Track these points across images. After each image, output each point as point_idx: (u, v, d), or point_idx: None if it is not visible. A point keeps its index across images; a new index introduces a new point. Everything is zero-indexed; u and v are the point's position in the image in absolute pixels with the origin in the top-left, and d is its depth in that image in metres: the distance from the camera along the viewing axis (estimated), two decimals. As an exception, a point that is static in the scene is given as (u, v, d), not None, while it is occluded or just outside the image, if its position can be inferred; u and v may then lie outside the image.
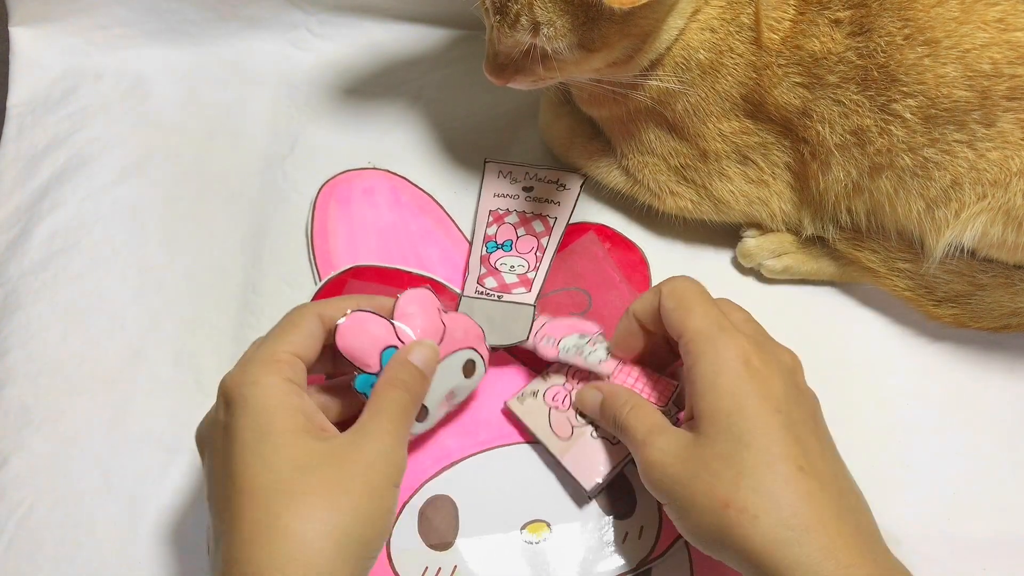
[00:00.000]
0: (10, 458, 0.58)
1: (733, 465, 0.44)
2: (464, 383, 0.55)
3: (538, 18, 0.51)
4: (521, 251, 0.64)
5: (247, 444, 0.42)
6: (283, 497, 0.41)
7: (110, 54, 0.74)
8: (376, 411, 0.46)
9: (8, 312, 0.63)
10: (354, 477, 0.42)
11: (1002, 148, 0.53)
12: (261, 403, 0.43)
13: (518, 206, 0.66)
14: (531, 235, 0.65)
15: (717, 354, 0.46)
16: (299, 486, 0.41)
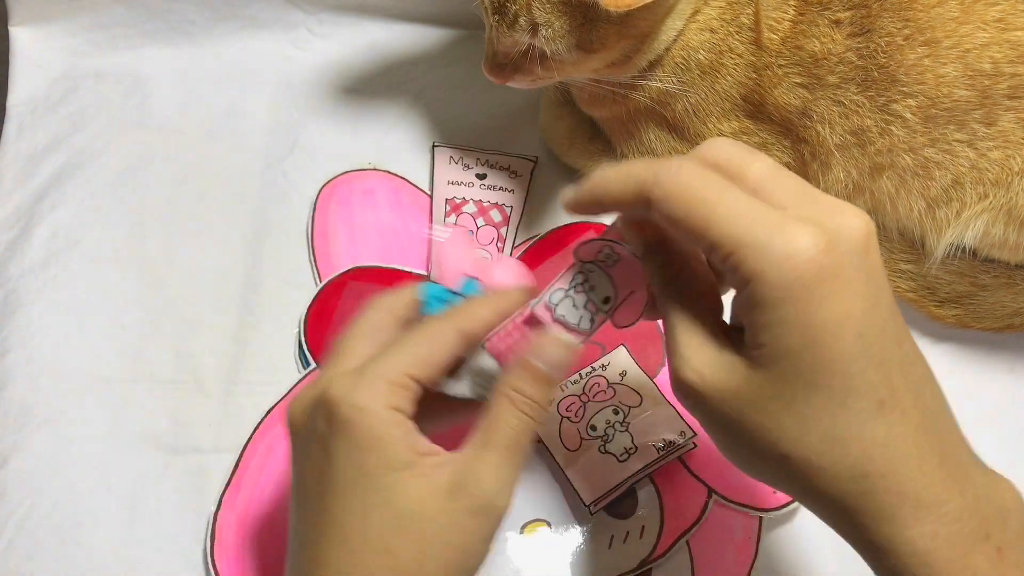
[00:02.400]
0: (10, 458, 0.58)
1: (798, 413, 0.35)
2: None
3: (536, 19, 0.51)
4: (482, 242, 0.64)
5: (345, 475, 0.39)
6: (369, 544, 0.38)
7: (110, 54, 0.74)
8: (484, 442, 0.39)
9: (8, 312, 0.63)
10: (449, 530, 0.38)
11: (1003, 147, 0.53)
12: (364, 433, 0.38)
13: (473, 195, 0.66)
14: (490, 225, 0.65)
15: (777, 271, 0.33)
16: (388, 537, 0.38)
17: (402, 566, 0.38)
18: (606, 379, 0.57)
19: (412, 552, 0.38)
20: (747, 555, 0.55)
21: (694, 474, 0.57)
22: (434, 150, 0.69)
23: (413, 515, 0.38)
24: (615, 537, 0.55)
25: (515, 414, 0.40)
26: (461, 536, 0.39)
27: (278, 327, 0.63)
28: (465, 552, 0.39)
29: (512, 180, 0.67)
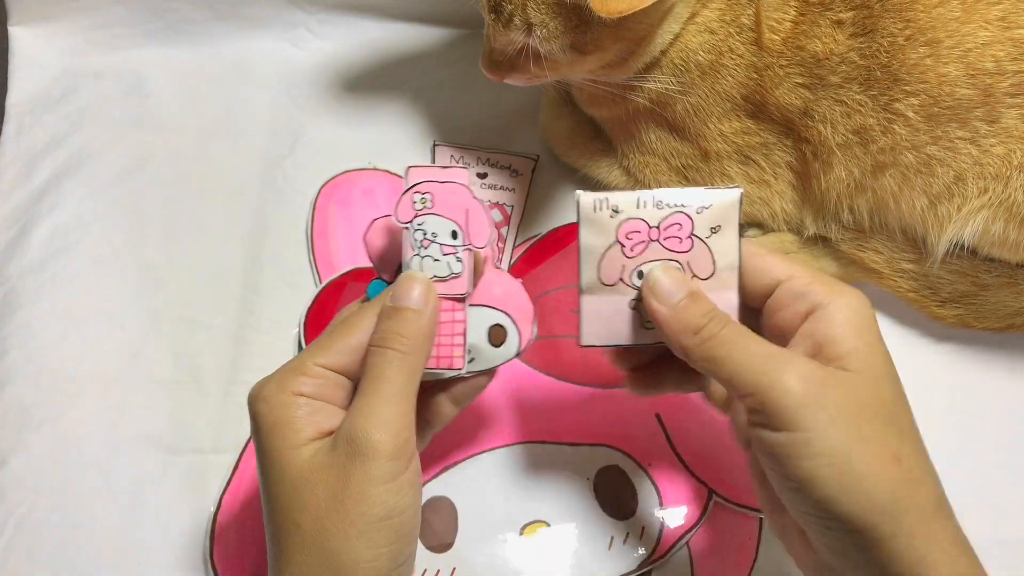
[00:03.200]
0: (9, 458, 0.58)
1: (895, 421, 0.40)
2: (487, 351, 0.47)
3: (531, 19, 0.51)
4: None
5: (261, 462, 0.42)
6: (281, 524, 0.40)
7: (110, 54, 0.74)
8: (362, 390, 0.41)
9: (7, 312, 0.63)
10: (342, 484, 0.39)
11: (1006, 143, 0.53)
12: (265, 424, 0.41)
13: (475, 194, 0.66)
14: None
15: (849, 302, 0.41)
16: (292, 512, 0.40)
17: (307, 538, 0.39)
18: (692, 223, 0.44)
19: (311, 518, 0.39)
20: (747, 556, 0.55)
21: (695, 475, 0.57)
22: (435, 149, 0.69)
23: (304, 482, 0.40)
24: (615, 538, 0.55)
25: (375, 352, 0.42)
26: (358, 487, 0.39)
27: (277, 327, 0.63)
28: (368, 506, 0.39)
29: (513, 179, 0.67)
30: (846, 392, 0.39)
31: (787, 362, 0.39)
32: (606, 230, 0.44)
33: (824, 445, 0.38)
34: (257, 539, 0.55)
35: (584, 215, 0.44)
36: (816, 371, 0.39)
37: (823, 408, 0.38)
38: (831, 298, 0.41)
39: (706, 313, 0.41)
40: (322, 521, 0.39)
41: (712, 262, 0.44)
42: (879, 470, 0.38)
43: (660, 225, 0.44)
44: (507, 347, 0.47)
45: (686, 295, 0.42)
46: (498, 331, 0.47)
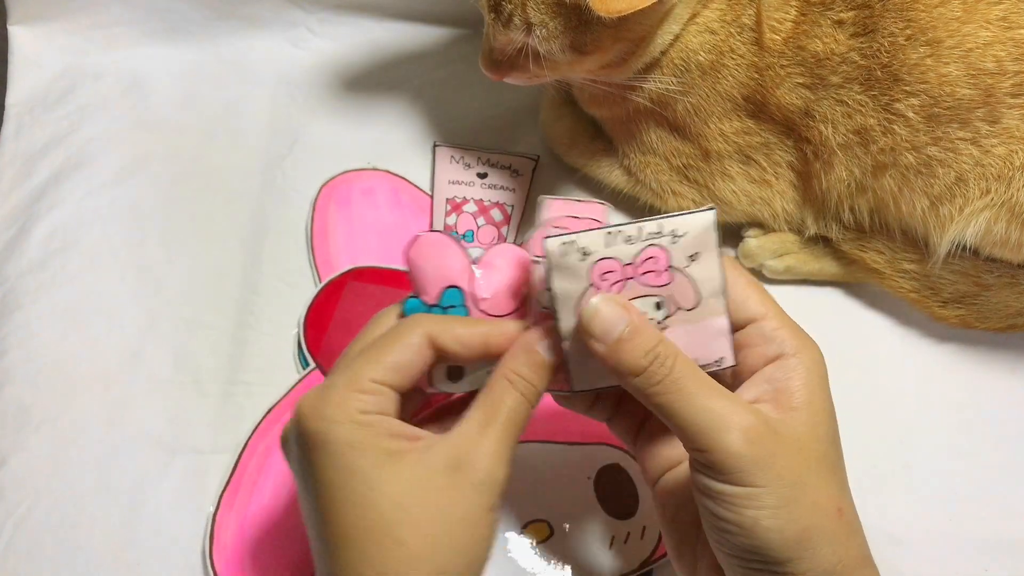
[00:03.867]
0: (9, 459, 0.58)
1: (836, 473, 0.41)
2: None
3: (531, 19, 0.51)
4: (483, 241, 0.64)
5: (333, 485, 0.39)
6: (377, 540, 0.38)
7: (109, 53, 0.74)
8: (485, 420, 0.40)
9: (6, 312, 0.63)
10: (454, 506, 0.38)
11: (1008, 143, 0.53)
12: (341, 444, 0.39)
13: (474, 194, 0.66)
14: (491, 224, 0.65)
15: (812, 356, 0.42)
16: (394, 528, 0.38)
17: (415, 554, 0.37)
18: (668, 256, 0.41)
19: (422, 536, 0.38)
20: None
21: None
22: (435, 150, 0.69)
23: (416, 499, 0.38)
24: (615, 538, 0.55)
25: (514, 395, 0.41)
26: (469, 511, 0.39)
27: (277, 327, 0.63)
28: (475, 529, 0.39)
29: (513, 179, 0.67)
30: (793, 448, 0.39)
31: (732, 419, 0.39)
32: (578, 274, 0.41)
33: (771, 499, 0.38)
34: (256, 538, 0.55)
35: (554, 261, 0.41)
36: (763, 429, 0.39)
37: (770, 467, 0.38)
38: (797, 350, 0.42)
39: (648, 352, 0.39)
40: (435, 540, 0.38)
41: (695, 292, 0.42)
42: (823, 522, 0.39)
43: (635, 261, 0.41)
44: None
45: (625, 329, 0.40)
46: None
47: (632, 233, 0.41)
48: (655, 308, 0.42)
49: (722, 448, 0.38)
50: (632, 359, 0.39)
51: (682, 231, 0.41)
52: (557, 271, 0.41)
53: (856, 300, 0.65)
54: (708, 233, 0.41)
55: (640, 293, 0.42)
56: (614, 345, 0.39)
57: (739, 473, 0.38)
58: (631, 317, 0.40)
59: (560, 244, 0.40)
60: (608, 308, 0.40)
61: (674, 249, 0.41)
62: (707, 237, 0.41)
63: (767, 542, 0.38)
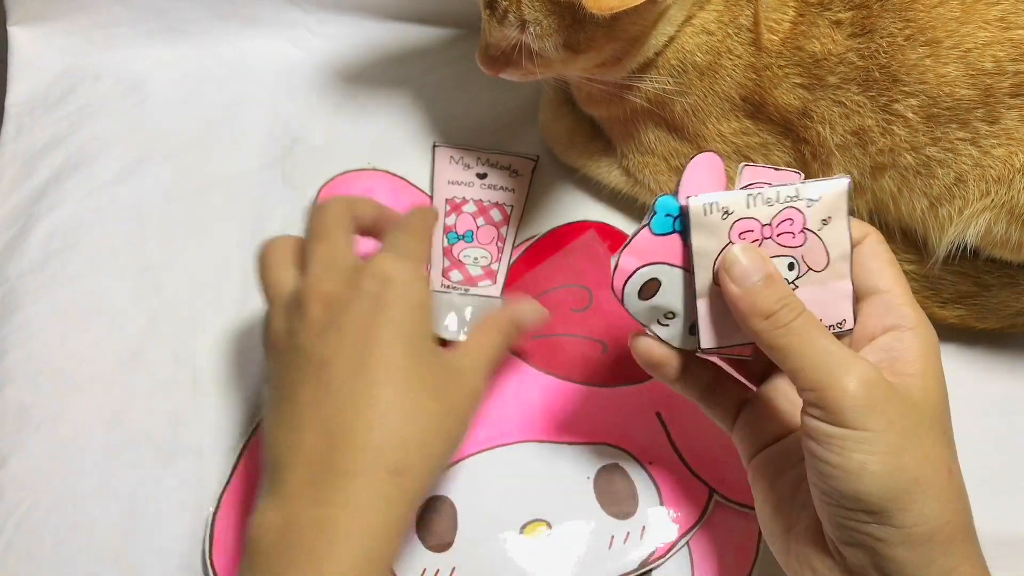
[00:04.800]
0: (8, 459, 0.58)
1: (948, 437, 0.43)
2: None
3: (525, 16, 0.51)
4: (482, 242, 0.64)
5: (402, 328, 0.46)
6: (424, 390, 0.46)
7: (109, 53, 0.74)
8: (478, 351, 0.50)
9: (6, 312, 0.63)
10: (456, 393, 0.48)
11: (1007, 144, 0.53)
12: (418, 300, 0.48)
13: (474, 194, 0.66)
14: (490, 224, 0.65)
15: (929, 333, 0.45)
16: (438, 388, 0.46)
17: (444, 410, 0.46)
18: (804, 218, 0.44)
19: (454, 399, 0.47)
20: (748, 556, 0.55)
21: (695, 474, 0.57)
22: (435, 150, 0.68)
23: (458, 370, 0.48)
24: (615, 537, 0.55)
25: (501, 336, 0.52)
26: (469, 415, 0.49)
27: (277, 327, 0.63)
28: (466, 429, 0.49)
29: (513, 179, 0.67)
30: (907, 403, 0.41)
31: (852, 364, 0.40)
32: (718, 232, 0.44)
33: (881, 444, 0.39)
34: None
35: (695, 220, 0.43)
36: (879, 377, 0.40)
37: (883, 412, 0.39)
38: (917, 324, 0.44)
39: (780, 299, 0.42)
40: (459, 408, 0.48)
41: (826, 254, 0.45)
42: (932, 476, 0.40)
43: (772, 222, 0.44)
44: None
45: (762, 277, 0.42)
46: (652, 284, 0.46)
47: (771, 196, 0.44)
48: (788, 269, 0.45)
49: (839, 387, 0.39)
50: (765, 303, 0.42)
51: (817, 196, 0.44)
52: (698, 229, 0.43)
53: (855, 300, 0.65)
54: (841, 199, 0.44)
55: (776, 252, 0.44)
56: (750, 287, 0.42)
57: (851, 412, 0.39)
58: (768, 267, 0.43)
59: (703, 203, 0.43)
60: (749, 255, 0.43)
61: (809, 212, 0.44)
62: (840, 203, 0.44)
63: (872, 488, 0.39)
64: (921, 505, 0.39)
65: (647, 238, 0.44)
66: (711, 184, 0.44)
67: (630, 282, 0.45)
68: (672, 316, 0.46)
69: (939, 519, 0.40)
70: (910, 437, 0.40)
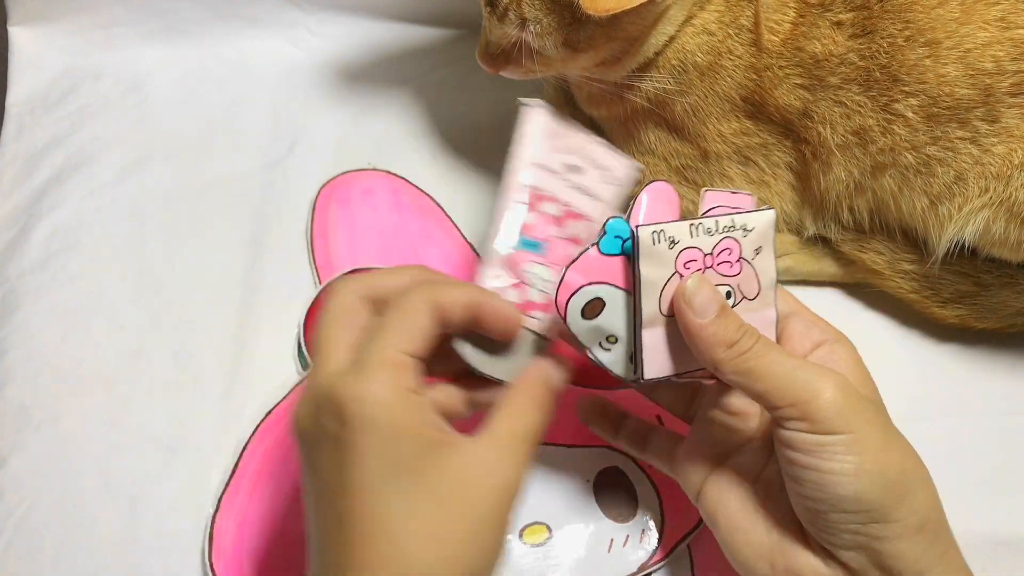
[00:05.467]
0: (9, 459, 0.58)
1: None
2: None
3: (525, 14, 0.51)
4: (554, 261, 0.49)
5: (373, 470, 0.38)
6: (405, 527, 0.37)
7: (109, 53, 0.74)
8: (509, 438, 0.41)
9: (7, 312, 0.63)
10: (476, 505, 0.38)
11: (1007, 142, 0.53)
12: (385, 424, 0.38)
13: (561, 193, 0.49)
14: (569, 241, 0.50)
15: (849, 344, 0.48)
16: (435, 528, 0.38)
17: (452, 553, 0.37)
18: (741, 248, 0.45)
19: (462, 534, 0.38)
20: None
21: None
22: (524, 110, 0.52)
23: (462, 497, 0.38)
24: (615, 541, 0.55)
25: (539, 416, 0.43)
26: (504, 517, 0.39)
27: (278, 327, 0.63)
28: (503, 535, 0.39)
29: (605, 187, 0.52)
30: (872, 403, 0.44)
31: (823, 373, 0.42)
32: (665, 261, 0.44)
33: (869, 442, 0.41)
34: (255, 540, 0.55)
35: (644, 249, 0.43)
36: (848, 382, 0.42)
37: (862, 413, 0.41)
38: (838, 337, 0.47)
39: (739, 328, 0.43)
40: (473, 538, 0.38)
41: (758, 283, 0.46)
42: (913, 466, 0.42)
43: (713, 251, 0.45)
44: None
45: (719, 308, 0.43)
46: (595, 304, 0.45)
47: (711, 226, 0.44)
48: (726, 297, 0.45)
49: (820, 397, 0.41)
50: (727, 332, 0.43)
51: (751, 226, 0.45)
52: (646, 258, 0.44)
53: (856, 301, 0.65)
54: (770, 229, 0.46)
55: (717, 282, 0.45)
56: (712, 320, 0.43)
57: (837, 419, 0.40)
58: (721, 298, 0.44)
59: (651, 232, 0.43)
60: (707, 287, 0.44)
61: (745, 242, 0.45)
62: (769, 232, 0.46)
63: (869, 486, 0.40)
64: (912, 496, 0.41)
65: (595, 257, 0.44)
66: (664, 213, 0.46)
67: (574, 299, 0.44)
68: (614, 341, 0.46)
69: (927, 507, 0.42)
70: (888, 432, 0.42)
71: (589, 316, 0.45)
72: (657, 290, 0.44)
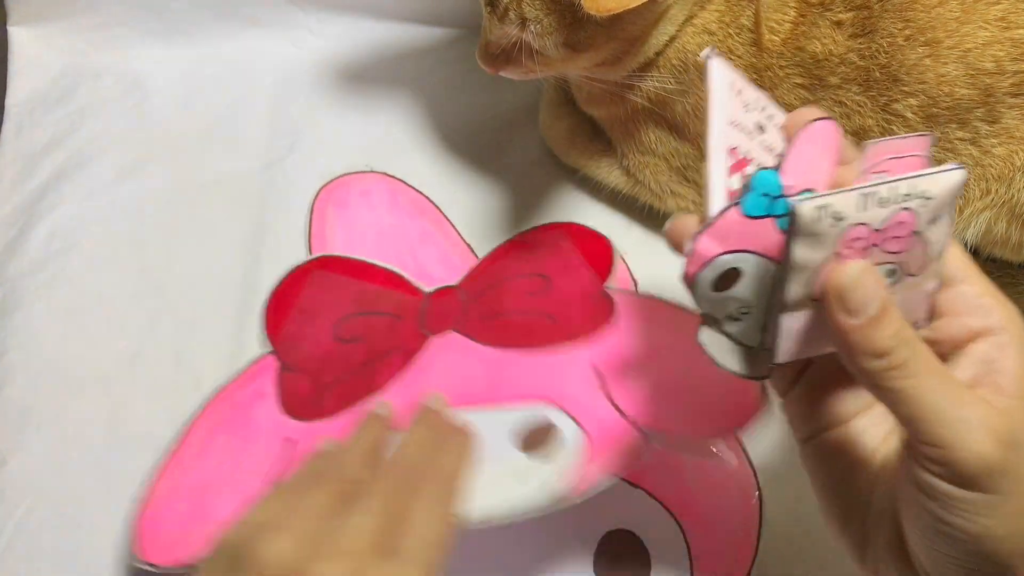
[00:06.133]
0: (9, 459, 0.58)
1: None
2: None
3: (525, 14, 0.51)
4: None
5: None
6: None
7: (109, 53, 0.74)
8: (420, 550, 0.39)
9: (7, 312, 0.63)
10: None
11: (1007, 143, 0.53)
12: None
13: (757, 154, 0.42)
14: None
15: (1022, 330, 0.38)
16: None
17: None
18: (917, 219, 0.37)
19: None
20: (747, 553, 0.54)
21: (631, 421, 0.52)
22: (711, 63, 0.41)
23: None
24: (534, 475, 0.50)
25: None
26: None
27: (277, 328, 0.63)
28: None
29: None
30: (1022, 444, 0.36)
31: (979, 415, 0.34)
32: (826, 241, 0.36)
33: (1009, 507, 0.34)
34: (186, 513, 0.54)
35: (804, 228, 0.35)
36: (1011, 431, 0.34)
37: (1014, 472, 0.34)
38: (1008, 325, 0.37)
39: (895, 334, 0.35)
40: None
41: (926, 257, 0.38)
42: None
43: (883, 227, 0.37)
44: None
45: (879, 307, 0.35)
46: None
47: (885, 195, 0.36)
48: (887, 276, 0.38)
49: (967, 448, 0.33)
50: (882, 340, 0.35)
51: (932, 193, 0.36)
52: (805, 237, 0.36)
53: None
54: (954, 195, 0.37)
55: (880, 260, 0.37)
56: (867, 321, 0.35)
57: (984, 478, 0.34)
58: (885, 293, 0.36)
59: (814, 208, 0.35)
60: (871, 281, 0.35)
61: (923, 212, 0.37)
62: (952, 198, 0.37)
63: (995, 550, 0.35)
64: None
65: (736, 220, 0.36)
66: (820, 163, 0.38)
67: (706, 269, 0.37)
68: (746, 312, 0.38)
69: None
70: None
71: (721, 288, 0.38)
72: (810, 272, 0.37)
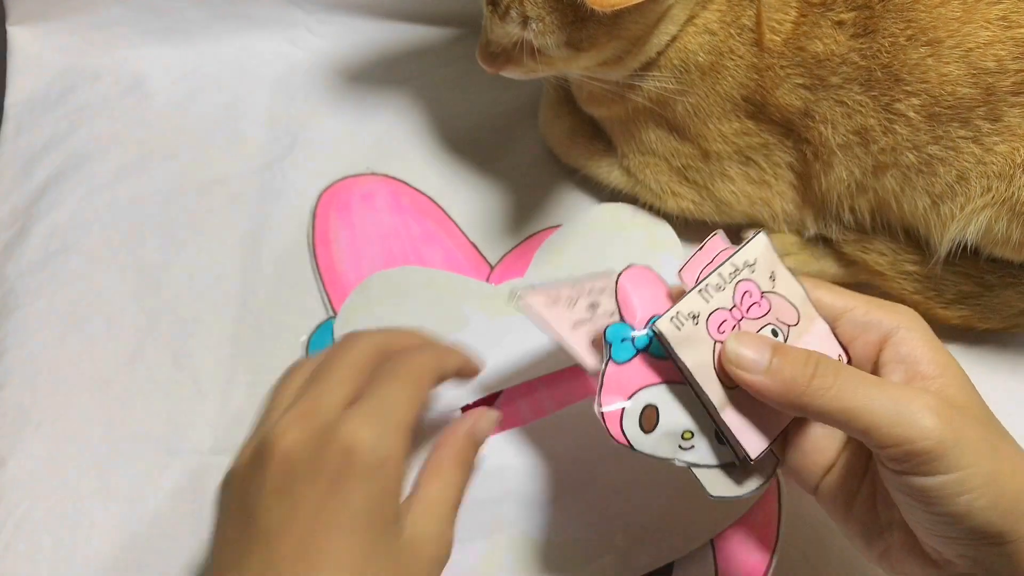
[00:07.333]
0: (7, 460, 0.58)
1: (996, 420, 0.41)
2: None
3: (527, 13, 0.51)
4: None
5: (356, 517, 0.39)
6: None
7: (108, 53, 0.74)
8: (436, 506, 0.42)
9: (6, 313, 0.63)
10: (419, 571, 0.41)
11: (1009, 141, 0.53)
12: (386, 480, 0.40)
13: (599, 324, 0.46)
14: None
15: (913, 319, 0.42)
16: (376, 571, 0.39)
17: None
18: (756, 285, 0.42)
19: None
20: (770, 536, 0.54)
21: None
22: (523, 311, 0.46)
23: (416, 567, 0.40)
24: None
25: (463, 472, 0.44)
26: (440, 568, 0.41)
27: (277, 328, 0.63)
28: None
29: None
30: (967, 415, 0.38)
31: (920, 403, 0.37)
32: (700, 338, 0.41)
33: (978, 480, 0.37)
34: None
35: (675, 340, 0.40)
36: (945, 404, 0.38)
37: (967, 443, 0.37)
38: (899, 321, 0.41)
39: (806, 359, 0.39)
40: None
41: (791, 306, 0.43)
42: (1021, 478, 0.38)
43: (736, 303, 0.42)
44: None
45: (771, 352, 0.39)
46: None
47: (716, 281, 0.41)
48: (772, 335, 0.42)
49: (921, 435, 0.36)
50: (794, 368, 0.38)
51: (751, 259, 0.42)
52: (681, 346, 0.40)
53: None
54: (769, 251, 0.43)
55: (757, 328, 0.42)
56: (771, 367, 0.39)
57: (943, 459, 0.36)
58: (768, 340, 0.40)
59: (668, 321, 0.40)
60: (746, 338, 0.40)
61: (756, 277, 0.42)
62: (771, 255, 0.43)
63: (983, 522, 0.37)
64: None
65: (616, 372, 0.41)
66: (656, 295, 0.43)
67: (626, 422, 0.41)
68: (690, 436, 0.42)
69: None
70: (996, 455, 0.38)
71: (649, 428, 0.42)
72: (710, 369, 0.41)
